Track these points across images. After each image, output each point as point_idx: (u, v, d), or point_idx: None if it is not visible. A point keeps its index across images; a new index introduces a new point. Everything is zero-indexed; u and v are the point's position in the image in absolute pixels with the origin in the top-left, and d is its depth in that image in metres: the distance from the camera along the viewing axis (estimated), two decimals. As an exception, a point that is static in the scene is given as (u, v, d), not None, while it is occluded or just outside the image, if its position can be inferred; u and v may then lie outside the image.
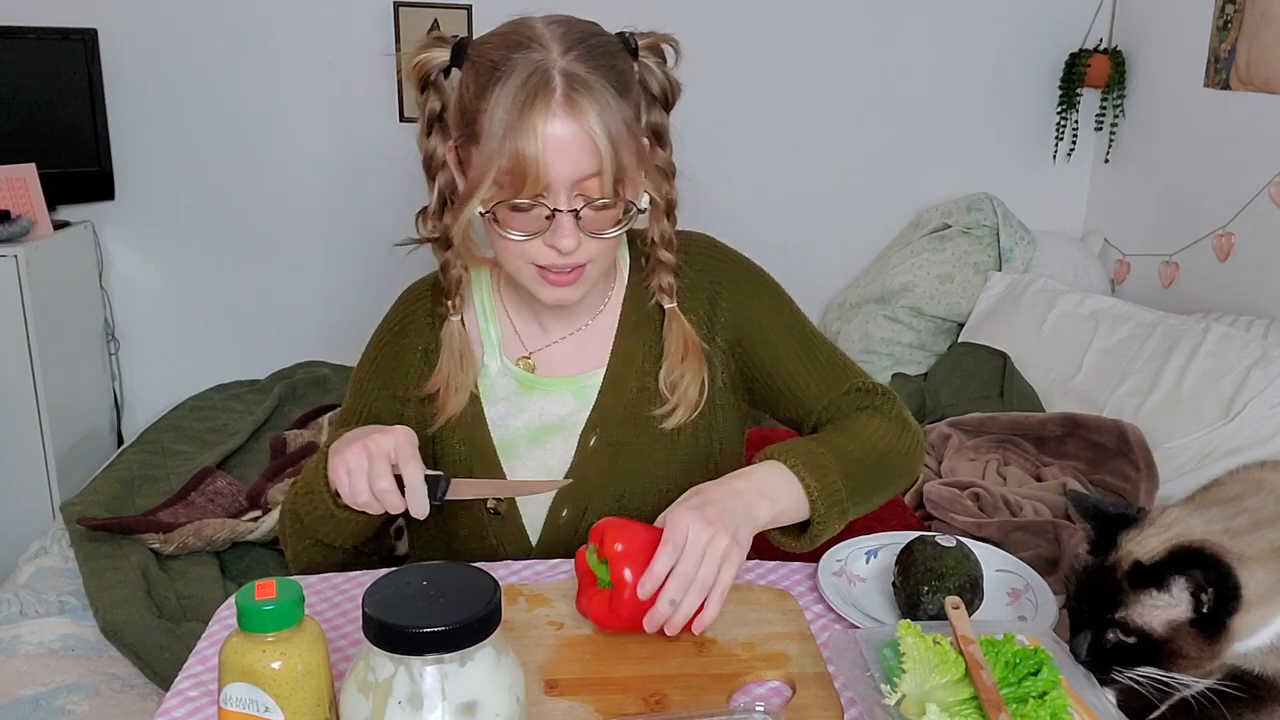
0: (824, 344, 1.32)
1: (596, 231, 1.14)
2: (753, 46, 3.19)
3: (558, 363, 1.30)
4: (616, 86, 1.10)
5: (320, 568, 1.24)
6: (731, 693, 0.98)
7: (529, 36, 1.10)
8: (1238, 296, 2.74)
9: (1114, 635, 0.90)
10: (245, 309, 3.18)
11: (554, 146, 1.07)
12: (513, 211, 1.11)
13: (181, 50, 2.95)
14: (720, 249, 1.35)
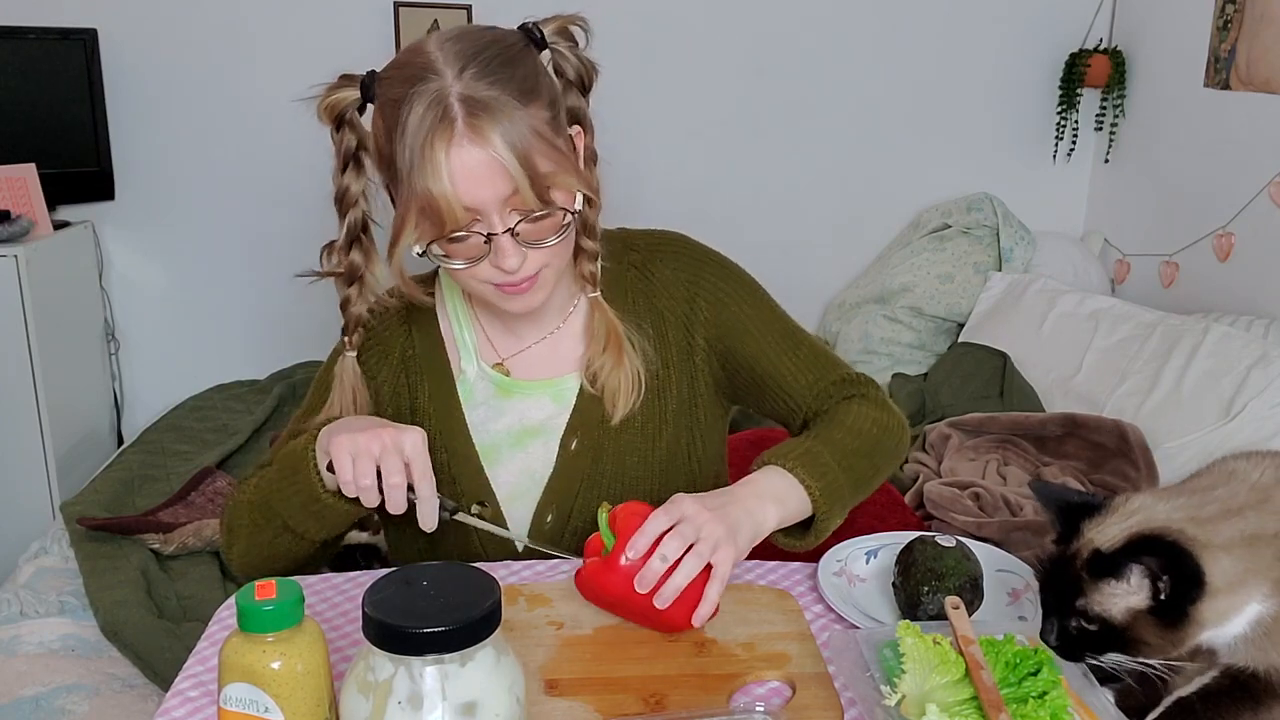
0: (805, 337, 1.32)
1: (537, 242, 1.12)
2: (752, 46, 3.19)
3: (534, 366, 1.29)
4: (520, 94, 1.08)
5: (275, 568, 1.21)
6: (731, 693, 0.98)
7: (424, 66, 1.08)
8: (1238, 296, 2.74)
9: (1077, 623, 0.89)
10: (245, 309, 3.18)
11: (464, 177, 1.06)
12: (450, 244, 1.11)
13: (181, 50, 2.95)
14: (694, 247, 1.34)
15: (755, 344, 1.29)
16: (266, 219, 3.11)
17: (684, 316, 1.29)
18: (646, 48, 3.14)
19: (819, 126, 3.29)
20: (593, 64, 1.19)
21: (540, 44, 1.16)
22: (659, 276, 1.30)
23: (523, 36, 1.15)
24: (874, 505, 2.07)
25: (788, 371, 1.28)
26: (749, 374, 1.29)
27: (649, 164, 3.20)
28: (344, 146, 1.16)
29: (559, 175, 1.09)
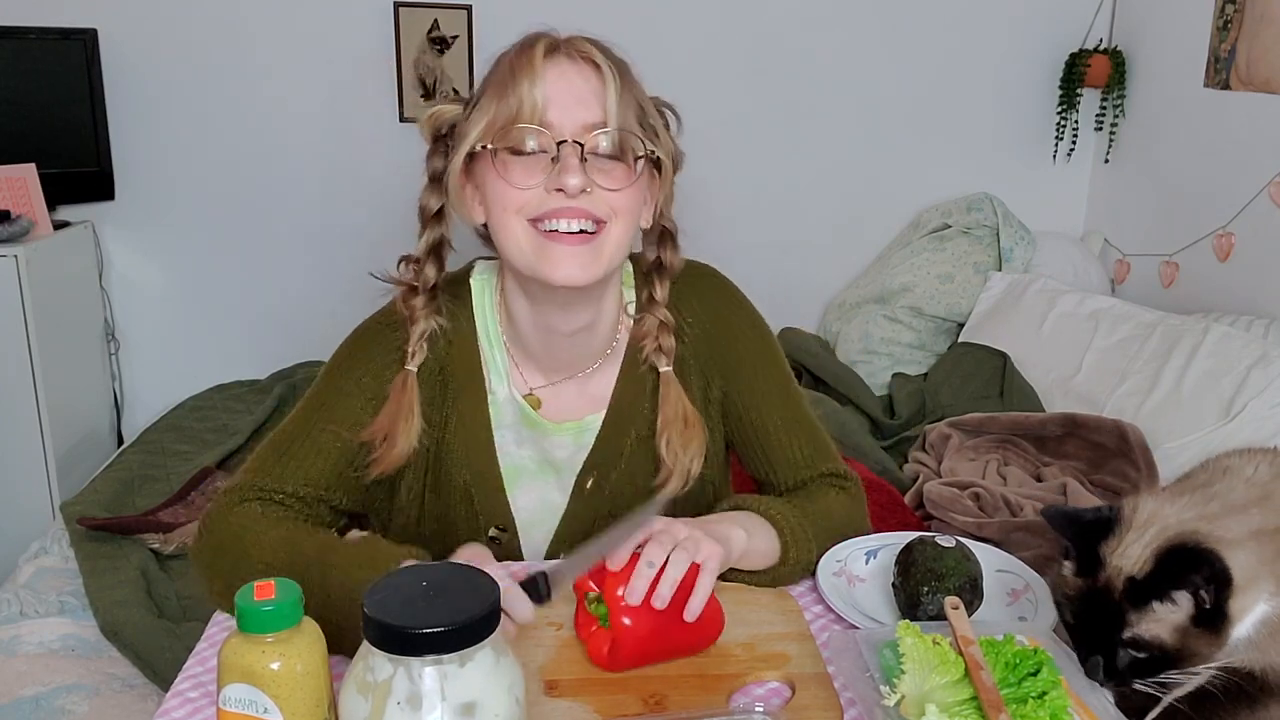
0: (808, 420, 1.31)
1: (604, 182, 1.09)
2: (753, 46, 3.19)
3: (561, 407, 1.25)
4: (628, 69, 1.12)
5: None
6: (731, 693, 0.98)
7: (532, 33, 1.12)
8: (1238, 296, 2.74)
9: (1126, 654, 0.90)
10: (245, 309, 3.18)
11: (554, 78, 1.07)
12: (515, 157, 1.08)
13: (181, 50, 2.95)
14: (727, 292, 1.31)
15: (761, 411, 1.28)
16: (266, 219, 3.12)
17: (704, 360, 1.27)
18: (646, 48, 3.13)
19: (819, 126, 3.29)
20: (681, 153, 1.21)
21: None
22: (690, 322, 1.26)
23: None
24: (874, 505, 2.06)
25: (783, 450, 1.28)
26: (747, 438, 1.29)
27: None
28: (432, 165, 1.16)
29: (642, 133, 1.10)
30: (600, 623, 1.01)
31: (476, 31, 2.99)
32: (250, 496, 1.15)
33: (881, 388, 3.01)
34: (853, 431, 2.57)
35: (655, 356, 1.23)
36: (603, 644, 1.00)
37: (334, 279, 3.14)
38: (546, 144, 1.08)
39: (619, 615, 0.98)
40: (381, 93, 3.04)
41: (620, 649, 0.98)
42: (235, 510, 1.14)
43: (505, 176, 1.09)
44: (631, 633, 0.98)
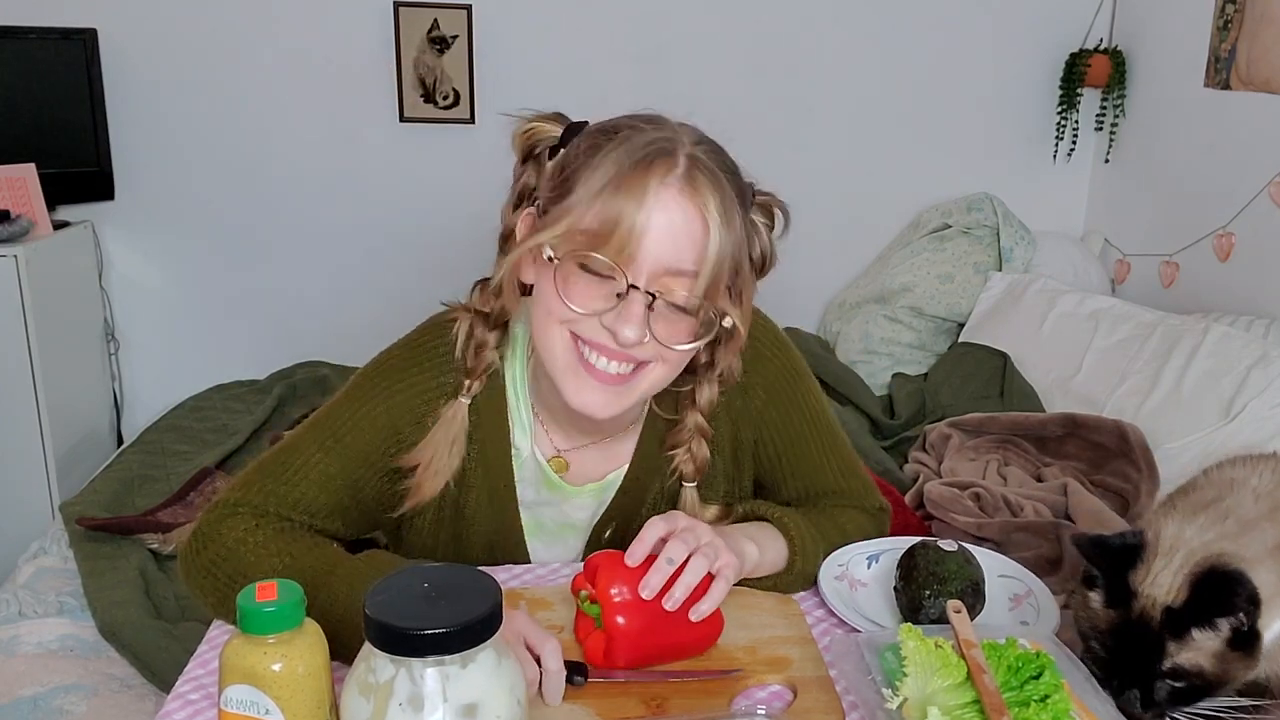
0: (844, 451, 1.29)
1: (664, 337, 1.02)
2: (752, 46, 3.19)
3: (585, 468, 1.22)
4: (739, 197, 1.02)
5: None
6: (733, 696, 0.98)
7: (658, 122, 1.03)
8: (1238, 296, 2.74)
9: (1165, 685, 0.90)
10: (245, 309, 3.18)
11: (660, 219, 0.97)
12: (581, 272, 1.00)
13: (181, 50, 2.95)
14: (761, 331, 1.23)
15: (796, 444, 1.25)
16: (266, 219, 3.11)
17: (736, 409, 1.22)
18: (646, 48, 3.14)
19: (818, 126, 3.29)
20: (775, 254, 1.12)
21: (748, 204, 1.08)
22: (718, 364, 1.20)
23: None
24: (874, 506, 2.07)
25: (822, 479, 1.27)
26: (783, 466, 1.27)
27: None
28: (523, 182, 1.09)
29: (722, 292, 1.01)
30: (596, 624, 1.01)
31: (476, 31, 2.98)
32: (244, 511, 1.11)
33: (881, 388, 3.01)
34: (853, 431, 2.57)
35: (685, 466, 1.18)
36: (599, 645, 1.00)
37: (334, 278, 3.15)
38: (620, 279, 1.00)
39: (612, 615, 0.98)
40: (381, 93, 3.04)
41: (615, 648, 0.98)
42: (228, 522, 1.10)
43: (564, 291, 1.01)
44: (625, 631, 0.97)
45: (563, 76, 3.05)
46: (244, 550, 1.07)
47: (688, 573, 0.98)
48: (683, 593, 0.98)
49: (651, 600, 0.98)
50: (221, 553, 1.08)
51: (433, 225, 3.07)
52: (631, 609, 0.98)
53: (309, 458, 1.13)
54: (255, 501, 1.12)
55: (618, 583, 0.98)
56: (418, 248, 3.10)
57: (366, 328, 1.38)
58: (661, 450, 1.20)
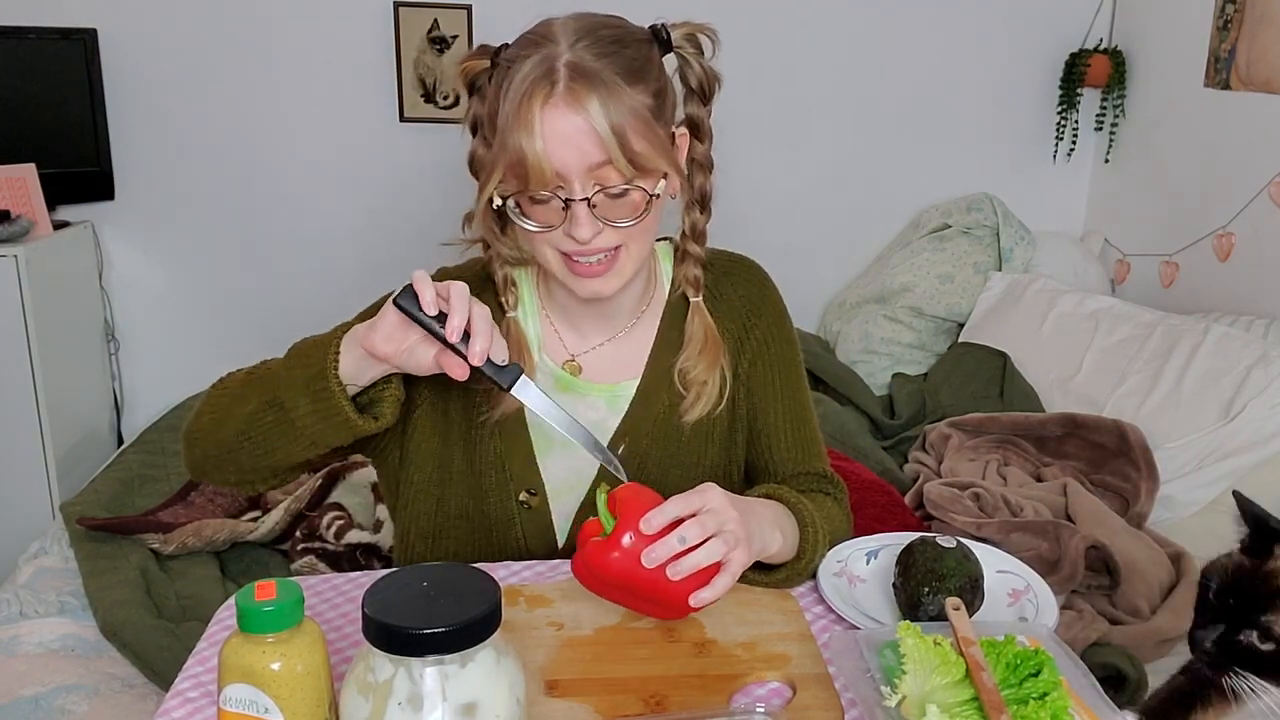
0: (811, 419, 1.35)
1: (613, 220, 1.13)
2: (752, 47, 3.19)
3: (596, 369, 1.29)
4: (626, 73, 1.10)
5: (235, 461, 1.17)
6: (732, 694, 0.98)
7: (544, 34, 1.12)
8: (1238, 296, 2.74)
9: (1248, 637, 0.89)
10: (245, 309, 3.18)
11: (555, 138, 1.08)
12: (531, 204, 1.13)
13: (181, 50, 2.95)
14: (764, 281, 1.36)
15: (772, 401, 1.32)
16: (266, 218, 3.12)
17: (737, 343, 1.31)
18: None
19: (819, 126, 3.29)
20: (716, 74, 1.21)
21: (666, 45, 1.18)
22: (725, 299, 1.31)
23: (649, 34, 1.18)
24: (874, 506, 2.07)
25: (782, 442, 1.32)
26: (752, 418, 1.33)
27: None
28: (473, 112, 1.19)
29: (648, 157, 1.11)
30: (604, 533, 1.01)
31: (476, 31, 2.99)
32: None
33: (881, 388, 3.01)
34: (853, 432, 2.57)
35: (686, 288, 1.28)
36: (600, 549, 0.99)
37: (334, 278, 3.14)
38: (553, 198, 1.12)
39: (623, 530, 0.98)
40: (381, 93, 3.04)
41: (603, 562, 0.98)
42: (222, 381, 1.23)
43: (527, 220, 1.14)
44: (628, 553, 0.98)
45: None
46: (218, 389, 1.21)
47: (700, 552, 0.99)
48: (689, 568, 0.99)
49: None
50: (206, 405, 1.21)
51: (433, 225, 3.07)
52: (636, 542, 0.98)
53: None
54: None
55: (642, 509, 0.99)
56: (418, 247, 3.10)
57: (366, 327, 1.40)
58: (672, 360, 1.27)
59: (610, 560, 0.99)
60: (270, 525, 2.12)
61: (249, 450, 1.15)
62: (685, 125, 1.21)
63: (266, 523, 2.13)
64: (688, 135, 1.21)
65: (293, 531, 2.14)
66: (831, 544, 1.23)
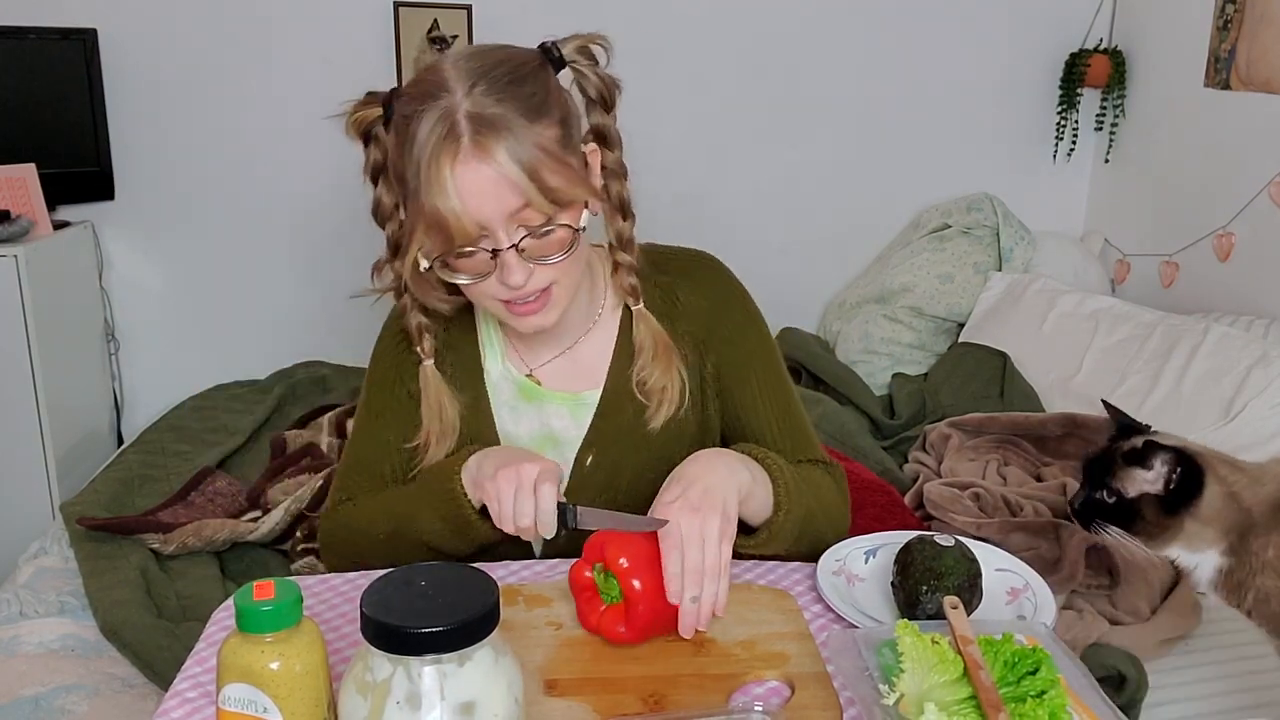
0: (796, 407, 1.35)
1: (544, 258, 1.13)
2: (752, 46, 3.19)
3: (554, 379, 1.31)
4: (528, 111, 1.09)
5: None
6: (730, 693, 0.98)
7: (436, 84, 1.10)
8: (1238, 296, 2.74)
9: (1100, 495, 1.19)
10: (245, 309, 3.18)
11: (470, 193, 1.06)
12: (458, 259, 1.11)
13: (181, 50, 2.95)
14: (724, 277, 1.35)
15: (752, 396, 1.31)
16: (267, 218, 3.12)
17: (701, 344, 1.30)
18: (646, 48, 3.13)
19: (819, 126, 3.29)
20: (614, 80, 1.21)
21: (559, 63, 1.17)
22: (684, 302, 1.31)
23: (540, 56, 1.16)
24: (874, 506, 2.07)
25: (772, 435, 1.31)
26: (734, 419, 1.33)
27: (649, 164, 3.18)
28: (372, 160, 1.18)
29: (566, 191, 1.10)
30: (606, 601, 1.03)
31: (476, 31, 2.99)
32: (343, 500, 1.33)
33: (881, 388, 3.01)
34: (853, 432, 2.57)
35: (624, 298, 1.28)
36: (617, 621, 1.02)
37: (334, 278, 3.14)
38: (480, 251, 1.11)
39: (629, 580, 1.01)
40: (381, 93, 3.04)
41: (635, 613, 1.01)
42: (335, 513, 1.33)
43: (457, 275, 1.14)
44: (643, 595, 1.00)
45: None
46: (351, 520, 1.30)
47: (704, 606, 1.02)
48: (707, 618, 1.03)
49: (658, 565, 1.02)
50: (338, 533, 1.31)
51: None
52: (645, 573, 1.01)
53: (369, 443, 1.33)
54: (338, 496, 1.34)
55: (623, 553, 1.02)
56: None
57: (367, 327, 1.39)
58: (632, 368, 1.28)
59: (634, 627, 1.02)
60: (270, 525, 2.12)
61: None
62: (593, 137, 1.20)
63: (267, 523, 2.13)
64: (598, 149, 1.21)
65: (293, 532, 2.14)
66: (825, 513, 1.26)
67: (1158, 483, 1.15)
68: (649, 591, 1.01)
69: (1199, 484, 1.14)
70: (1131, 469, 1.17)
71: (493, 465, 1.14)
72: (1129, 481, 1.17)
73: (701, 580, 1.02)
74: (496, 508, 1.11)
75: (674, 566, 1.02)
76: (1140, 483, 1.16)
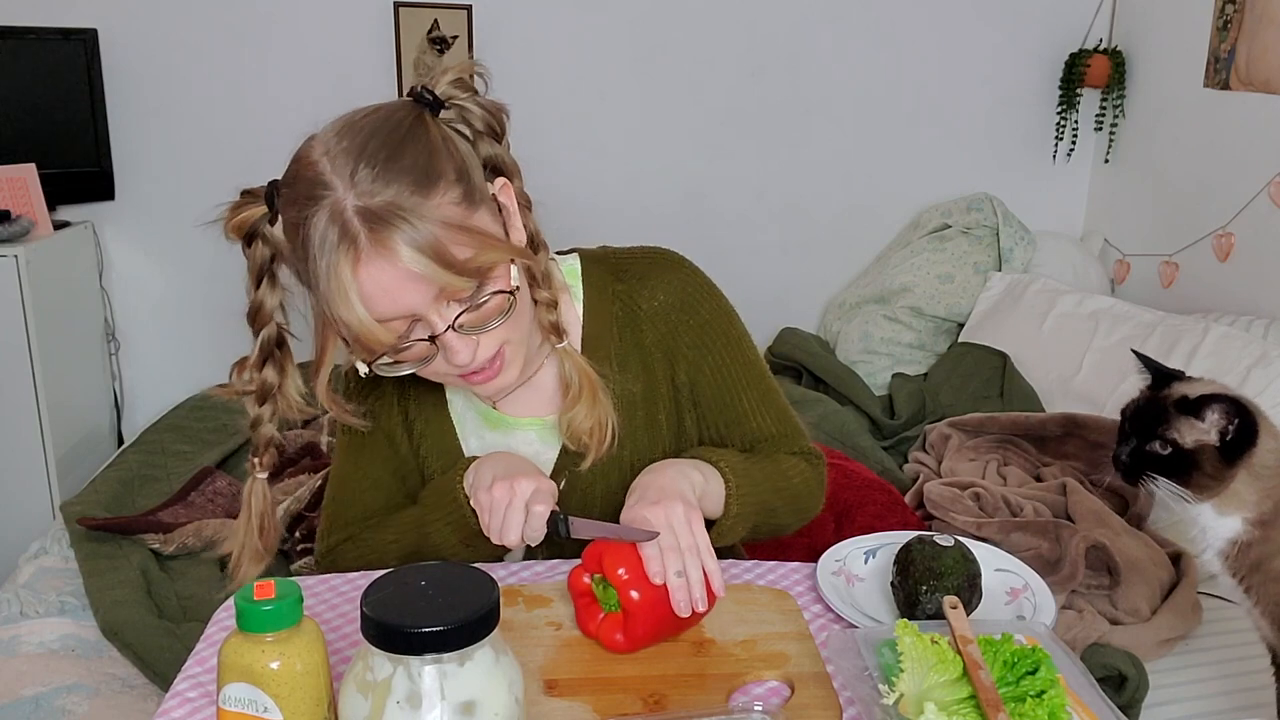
0: (778, 400, 1.32)
1: (485, 326, 1.06)
2: (752, 47, 3.19)
3: (517, 406, 1.26)
4: (418, 186, 1.00)
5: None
6: (730, 693, 0.98)
7: (314, 180, 1.02)
8: (1238, 296, 2.74)
9: (1154, 446, 1.16)
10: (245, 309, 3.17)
11: (381, 296, 0.99)
12: (397, 354, 1.05)
13: (181, 50, 2.95)
14: (685, 274, 1.28)
15: (732, 392, 1.28)
16: (266, 219, 3.11)
17: (668, 350, 1.26)
18: (645, 48, 3.14)
19: (819, 126, 3.29)
20: (499, 106, 1.11)
21: (436, 106, 1.07)
22: (646, 308, 1.25)
23: (412, 106, 1.07)
24: (874, 505, 2.07)
25: (756, 428, 1.30)
26: (717, 416, 1.29)
27: (648, 164, 3.20)
28: (258, 261, 1.10)
29: (482, 256, 1.01)
30: (605, 609, 1.03)
31: (476, 31, 2.99)
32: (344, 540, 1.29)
33: (881, 388, 3.01)
34: (853, 432, 2.57)
35: (547, 337, 1.18)
36: (614, 629, 1.02)
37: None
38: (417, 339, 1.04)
39: (626, 591, 1.00)
40: (381, 93, 3.03)
41: (634, 624, 1.01)
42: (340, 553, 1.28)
43: (399, 367, 1.07)
44: (641, 605, 1.00)
45: (562, 77, 3.06)
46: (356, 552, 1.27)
47: (694, 584, 1.02)
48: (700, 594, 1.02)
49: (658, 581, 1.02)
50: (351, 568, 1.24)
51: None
52: (643, 584, 1.01)
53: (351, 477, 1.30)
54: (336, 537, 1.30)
55: (621, 564, 1.01)
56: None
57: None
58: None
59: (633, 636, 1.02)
60: (270, 525, 2.12)
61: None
62: (490, 170, 1.10)
63: (266, 522, 2.13)
64: (505, 182, 1.11)
65: (292, 532, 2.14)
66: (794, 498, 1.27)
67: (1211, 432, 1.14)
68: (647, 603, 1.00)
69: (1253, 434, 1.13)
70: (1187, 418, 1.15)
71: (489, 474, 1.12)
72: (1186, 431, 1.15)
73: (681, 556, 1.02)
74: (486, 519, 1.10)
75: (650, 549, 1.02)
76: (1198, 432, 1.14)
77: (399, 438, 1.29)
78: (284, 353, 1.11)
